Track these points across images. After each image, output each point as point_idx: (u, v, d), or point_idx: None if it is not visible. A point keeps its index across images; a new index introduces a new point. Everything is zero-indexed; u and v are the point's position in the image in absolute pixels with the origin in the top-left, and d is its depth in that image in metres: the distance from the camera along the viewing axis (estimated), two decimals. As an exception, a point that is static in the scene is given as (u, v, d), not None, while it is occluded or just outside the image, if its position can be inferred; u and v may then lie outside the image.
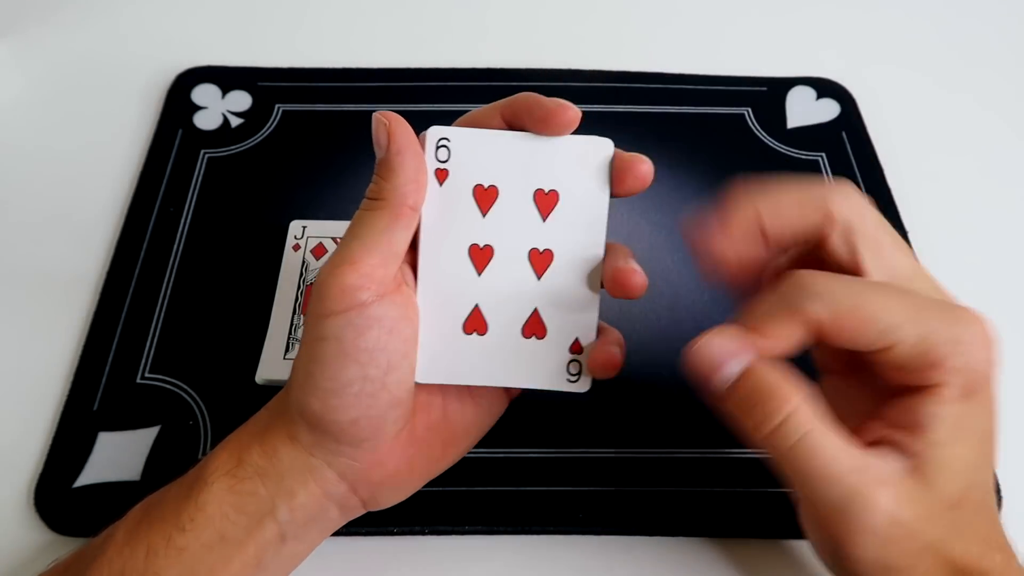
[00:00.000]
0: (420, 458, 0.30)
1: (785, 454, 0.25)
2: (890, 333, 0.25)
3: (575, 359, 0.29)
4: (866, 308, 0.25)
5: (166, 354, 0.39)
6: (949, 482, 0.25)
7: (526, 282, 0.29)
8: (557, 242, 0.29)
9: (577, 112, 0.27)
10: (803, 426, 0.25)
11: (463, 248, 0.29)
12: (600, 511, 0.35)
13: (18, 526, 0.35)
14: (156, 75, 0.51)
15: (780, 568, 0.34)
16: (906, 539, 0.25)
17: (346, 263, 0.26)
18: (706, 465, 0.36)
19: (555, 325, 0.29)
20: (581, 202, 0.29)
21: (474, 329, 0.29)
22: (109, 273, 0.42)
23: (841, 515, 0.25)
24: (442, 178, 0.28)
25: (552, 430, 0.37)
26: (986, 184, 0.48)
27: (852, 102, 0.51)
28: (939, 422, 0.25)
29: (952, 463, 0.26)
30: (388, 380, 0.27)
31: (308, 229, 0.42)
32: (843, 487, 0.25)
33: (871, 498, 0.25)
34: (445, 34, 0.55)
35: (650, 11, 0.57)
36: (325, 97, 0.50)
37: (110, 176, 0.46)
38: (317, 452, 0.28)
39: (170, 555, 0.26)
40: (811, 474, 0.25)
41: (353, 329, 0.26)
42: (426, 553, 0.34)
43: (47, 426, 0.37)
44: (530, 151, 0.28)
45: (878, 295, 0.26)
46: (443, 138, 0.28)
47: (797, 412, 0.25)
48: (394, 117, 0.27)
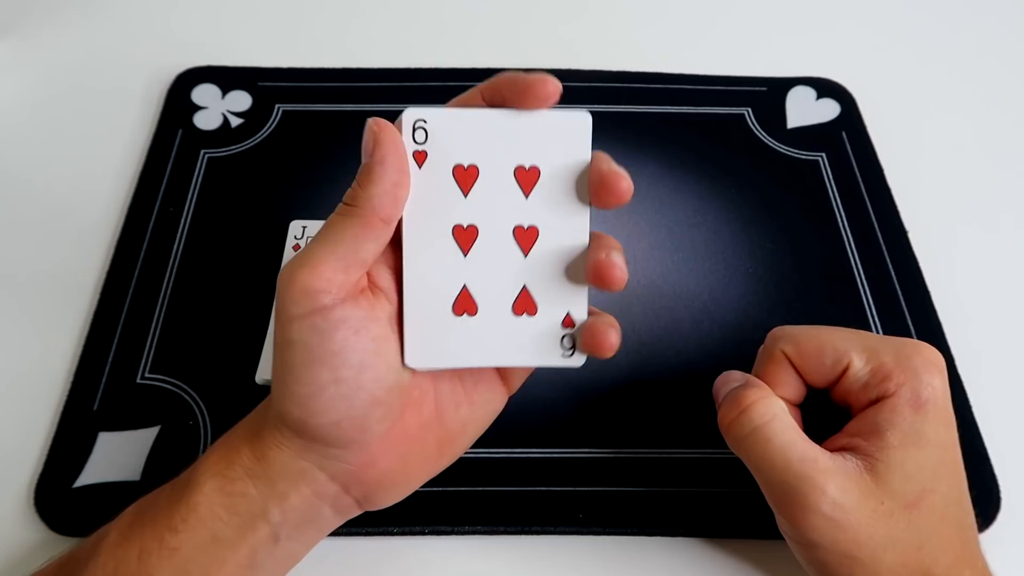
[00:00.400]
0: (415, 457, 0.29)
1: (742, 441, 0.30)
2: (844, 356, 0.31)
3: (568, 333, 0.29)
4: (821, 339, 0.32)
5: (166, 354, 0.39)
6: (902, 482, 0.29)
7: (513, 260, 0.29)
8: (541, 217, 0.28)
9: (557, 84, 0.27)
10: (761, 417, 0.30)
11: (447, 229, 0.28)
12: (600, 511, 0.35)
13: (18, 526, 0.35)
14: (156, 75, 0.51)
15: (780, 568, 0.34)
16: (858, 527, 0.28)
17: (307, 266, 0.26)
18: (706, 465, 0.36)
19: (545, 301, 0.29)
20: (563, 176, 0.28)
21: (464, 310, 0.29)
22: (109, 273, 0.42)
23: (792, 498, 0.29)
24: (421, 160, 0.28)
25: (552, 430, 0.37)
26: (986, 184, 0.48)
27: (852, 102, 0.51)
28: (891, 427, 0.29)
29: (904, 464, 0.29)
30: (363, 379, 0.26)
31: (308, 229, 0.42)
32: (792, 472, 0.29)
33: (817, 482, 0.28)
34: (444, 34, 0.55)
35: (650, 11, 0.57)
36: (325, 97, 0.50)
37: (110, 176, 0.46)
38: (306, 455, 0.28)
39: (163, 555, 0.26)
40: (764, 459, 0.29)
41: (318, 333, 0.26)
42: (426, 553, 0.34)
43: (47, 426, 0.37)
44: (508, 128, 0.28)
45: (832, 331, 0.32)
46: (419, 119, 0.28)
47: (757, 404, 0.30)
48: (385, 126, 0.27)
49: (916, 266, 0.43)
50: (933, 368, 0.30)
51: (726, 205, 0.45)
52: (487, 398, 0.31)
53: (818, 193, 0.46)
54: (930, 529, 0.29)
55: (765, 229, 0.45)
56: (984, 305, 0.43)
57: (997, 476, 0.36)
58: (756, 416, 0.30)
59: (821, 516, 0.28)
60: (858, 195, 0.46)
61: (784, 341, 0.32)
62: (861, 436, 0.30)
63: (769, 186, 0.46)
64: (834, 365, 0.31)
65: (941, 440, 0.30)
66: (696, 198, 0.46)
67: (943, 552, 0.29)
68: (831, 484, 0.28)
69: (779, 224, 0.45)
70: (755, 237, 0.44)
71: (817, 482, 0.28)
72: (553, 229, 0.29)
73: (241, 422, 0.30)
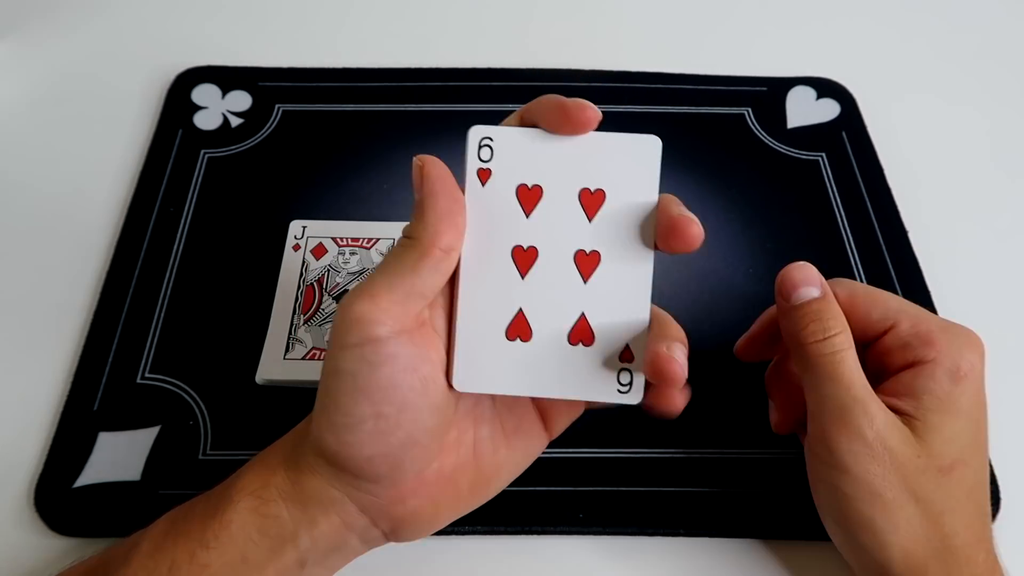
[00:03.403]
0: (445, 497, 0.29)
1: (821, 359, 0.30)
2: (891, 315, 0.31)
3: (625, 368, 0.28)
4: (874, 295, 0.32)
5: (166, 354, 0.39)
6: (939, 445, 0.29)
7: (572, 286, 0.27)
8: (604, 243, 0.27)
9: (596, 112, 0.27)
10: (844, 345, 0.30)
11: (506, 250, 0.27)
12: (600, 511, 0.35)
13: (18, 526, 0.35)
14: (156, 75, 0.51)
15: (781, 568, 0.34)
16: (892, 467, 0.29)
17: (366, 296, 0.26)
18: (707, 465, 0.36)
19: (603, 331, 0.27)
20: (629, 201, 0.27)
21: (517, 335, 0.28)
22: (109, 273, 0.42)
23: (841, 418, 0.29)
24: (484, 178, 0.27)
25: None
26: (986, 184, 0.48)
27: (852, 102, 0.51)
28: (930, 393, 0.29)
29: (942, 430, 0.29)
30: (402, 419, 0.26)
31: (308, 229, 0.42)
32: (853, 394, 0.29)
33: (871, 408, 0.29)
34: (445, 34, 0.55)
35: (650, 11, 0.57)
36: (325, 97, 0.50)
37: (110, 176, 0.46)
38: (337, 484, 0.28)
39: (193, 571, 0.26)
40: (834, 377, 0.29)
41: (367, 364, 0.25)
42: (426, 553, 0.34)
43: (47, 426, 0.37)
44: (575, 149, 0.27)
45: (886, 293, 0.32)
46: (486, 137, 0.27)
47: (843, 334, 0.30)
48: (429, 160, 0.27)
49: (916, 266, 0.43)
50: (976, 348, 0.30)
51: (726, 205, 0.45)
52: (527, 441, 0.31)
53: (818, 193, 0.46)
54: (956, 500, 0.29)
55: (765, 229, 0.45)
56: (984, 305, 0.43)
57: (997, 476, 0.36)
58: (840, 342, 0.30)
59: (863, 441, 0.29)
60: (858, 195, 0.46)
61: (840, 286, 0.32)
62: (898, 396, 0.30)
63: (769, 186, 0.46)
64: (881, 321, 0.31)
65: (975, 417, 0.30)
66: (696, 198, 0.46)
67: (964, 527, 0.29)
68: (880, 416, 0.29)
69: (779, 224, 0.45)
70: (755, 237, 0.44)
71: (870, 409, 0.29)
72: (615, 257, 0.28)
73: (280, 440, 0.30)
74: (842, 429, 0.29)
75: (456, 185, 0.27)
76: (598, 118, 0.27)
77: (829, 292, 0.31)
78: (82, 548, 0.33)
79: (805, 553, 0.34)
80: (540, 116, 0.28)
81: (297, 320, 0.39)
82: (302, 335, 0.39)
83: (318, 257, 0.41)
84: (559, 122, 0.27)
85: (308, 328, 0.39)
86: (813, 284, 0.31)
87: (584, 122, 0.27)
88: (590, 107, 0.27)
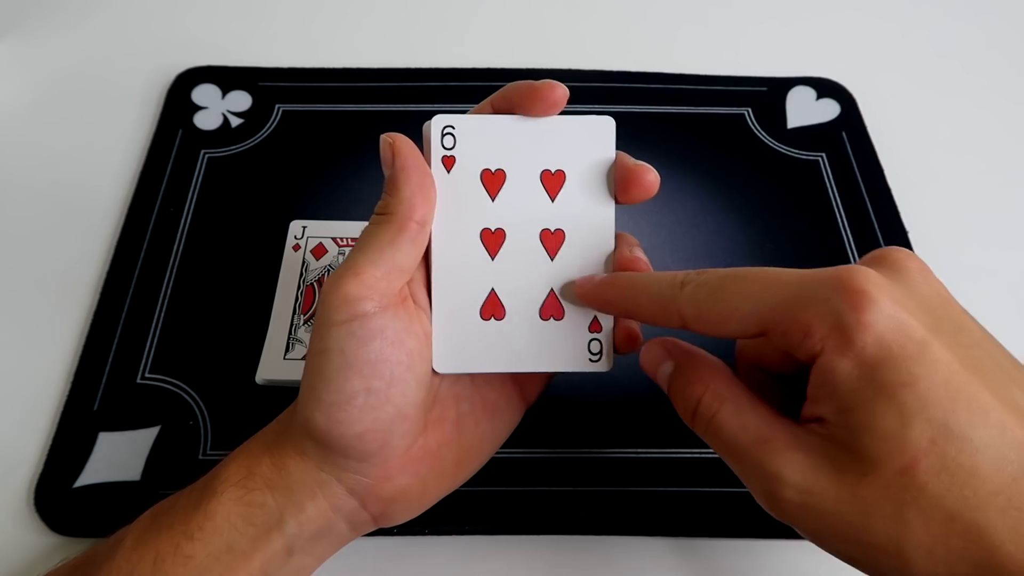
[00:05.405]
0: (432, 474, 0.29)
1: (705, 434, 0.27)
2: (752, 320, 0.25)
3: (595, 339, 0.29)
4: (721, 305, 0.25)
5: (166, 354, 0.39)
6: (879, 444, 0.22)
7: (540, 264, 0.29)
8: (567, 221, 0.29)
9: (564, 90, 0.28)
10: (713, 406, 0.26)
11: (475, 233, 0.29)
12: (600, 511, 0.35)
13: (18, 526, 0.35)
14: (156, 75, 0.51)
15: (781, 568, 0.34)
16: (838, 507, 0.23)
17: (349, 274, 0.26)
18: (707, 465, 0.36)
19: (572, 306, 0.29)
20: (588, 178, 0.29)
21: (492, 314, 0.29)
22: (109, 273, 0.42)
23: (756, 488, 0.25)
24: (449, 165, 0.29)
25: (552, 430, 0.37)
26: (986, 184, 0.48)
27: (852, 102, 0.51)
28: (834, 389, 0.23)
29: (873, 426, 0.22)
30: (392, 393, 0.27)
31: (308, 229, 0.42)
32: (748, 460, 0.25)
33: (772, 467, 0.24)
34: (445, 34, 0.55)
35: (650, 11, 0.57)
36: (325, 97, 0.50)
37: (110, 176, 0.46)
38: (325, 467, 0.28)
39: (177, 563, 0.26)
40: (724, 449, 0.26)
41: (355, 340, 0.26)
42: (426, 553, 0.34)
43: (47, 426, 0.37)
44: (534, 133, 0.29)
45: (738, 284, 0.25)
46: (447, 126, 0.29)
47: (707, 393, 0.26)
48: (398, 137, 0.28)
49: (916, 266, 0.43)
50: (855, 295, 0.23)
51: (726, 205, 0.45)
52: (506, 413, 0.31)
53: (818, 193, 0.46)
54: (959, 489, 0.22)
55: (765, 229, 0.45)
56: (984, 305, 0.43)
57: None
58: (705, 410, 0.26)
59: (788, 503, 0.24)
60: (858, 195, 0.46)
61: (688, 305, 0.26)
62: (818, 403, 0.24)
63: (769, 186, 0.46)
64: (745, 330, 0.25)
65: (913, 374, 0.22)
66: (696, 198, 0.46)
67: (998, 513, 0.21)
68: (787, 468, 0.24)
69: (779, 224, 0.45)
70: (755, 237, 0.44)
71: (772, 467, 0.24)
72: (579, 232, 0.29)
73: (263, 430, 0.30)
74: (763, 501, 0.25)
75: (424, 160, 0.28)
76: (566, 95, 0.28)
77: (681, 361, 0.28)
78: (82, 548, 0.33)
79: (805, 553, 0.34)
80: (512, 100, 0.29)
81: (297, 320, 0.39)
82: (302, 335, 0.39)
83: (318, 257, 0.41)
84: (531, 103, 0.28)
85: (308, 328, 0.39)
86: (662, 358, 0.28)
87: (555, 101, 0.28)
88: (559, 86, 0.28)
